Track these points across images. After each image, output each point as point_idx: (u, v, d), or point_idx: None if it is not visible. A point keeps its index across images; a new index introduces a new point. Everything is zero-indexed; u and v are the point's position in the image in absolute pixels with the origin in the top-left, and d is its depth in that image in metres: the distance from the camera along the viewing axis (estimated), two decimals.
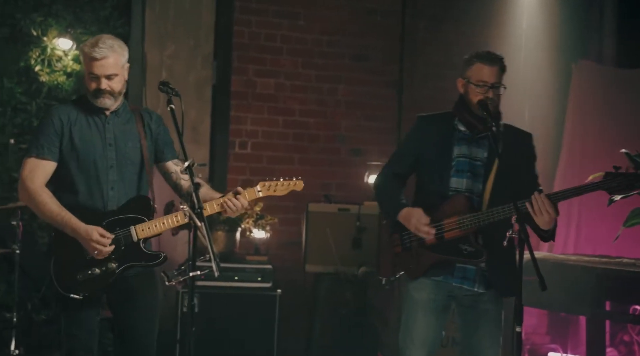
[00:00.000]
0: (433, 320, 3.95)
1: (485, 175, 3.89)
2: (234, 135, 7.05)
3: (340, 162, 7.30)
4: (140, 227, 3.75)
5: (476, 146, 3.93)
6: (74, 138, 3.81)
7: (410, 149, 4.08)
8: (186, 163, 3.39)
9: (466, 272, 3.90)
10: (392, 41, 7.40)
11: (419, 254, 3.94)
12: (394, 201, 4.02)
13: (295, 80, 7.22)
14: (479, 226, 3.79)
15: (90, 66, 3.74)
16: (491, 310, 3.92)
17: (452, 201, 3.88)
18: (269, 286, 5.97)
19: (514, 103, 7.24)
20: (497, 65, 3.86)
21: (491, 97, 3.82)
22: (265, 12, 7.12)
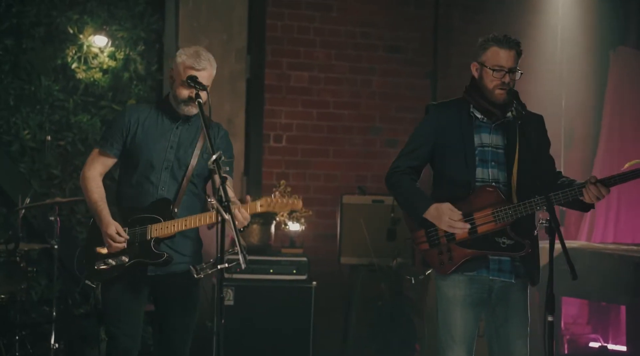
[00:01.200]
0: (471, 316, 3.87)
1: (508, 163, 3.80)
2: (269, 129, 7.07)
3: (374, 154, 7.28)
4: (154, 227, 3.90)
5: (496, 133, 3.83)
6: (139, 137, 3.97)
7: (427, 140, 3.91)
8: (214, 156, 3.42)
9: (502, 264, 3.82)
10: (425, 32, 7.37)
11: (450, 249, 3.82)
12: (418, 197, 3.86)
13: (328, 73, 7.22)
14: (515, 218, 3.71)
15: (188, 74, 3.85)
16: (519, 299, 3.87)
17: (482, 193, 3.77)
18: (304, 278, 5.99)
19: (550, 92, 7.19)
20: (514, 49, 3.75)
21: (507, 82, 3.73)
22: (297, 5, 7.13)
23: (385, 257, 6.22)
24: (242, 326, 5.73)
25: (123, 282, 3.96)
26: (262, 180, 6.98)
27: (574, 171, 7.29)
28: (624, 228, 7.12)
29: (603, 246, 6.05)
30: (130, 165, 3.99)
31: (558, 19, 7.45)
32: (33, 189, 6.19)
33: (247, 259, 3.27)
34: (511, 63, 3.75)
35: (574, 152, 7.46)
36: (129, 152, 3.99)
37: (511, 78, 3.76)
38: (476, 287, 3.85)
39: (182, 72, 3.87)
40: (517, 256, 3.77)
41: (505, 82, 3.74)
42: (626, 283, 5.22)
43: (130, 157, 3.99)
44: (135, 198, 3.97)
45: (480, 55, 3.81)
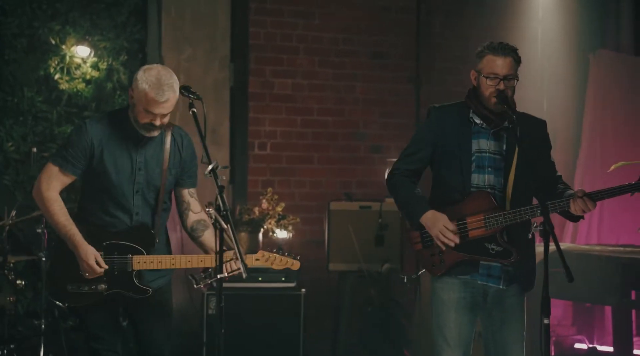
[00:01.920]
0: (465, 319, 3.89)
1: (505, 170, 3.83)
2: (253, 137, 7.07)
3: (360, 160, 7.30)
4: (137, 259, 3.82)
5: (494, 139, 3.86)
6: (105, 160, 3.84)
7: (427, 143, 3.94)
8: (210, 166, 3.41)
9: (491, 270, 3.84)
10: (408, 37, 7.39)
11: (442, 252, 3.85)
12: (416, 201, 3.89)
13: (312, 80, 7.22)
14: (506, 225, 3.74)
15: (150, 105, 3.71)
16: (515, 304, 3.89)
17: (475, 198, 3.80)
18: (293, 285, 5.98)
19: (531, 96, 7.25)
20: (509, 56, 3.77)
21: (502, 89, 3.75)
22: (280, 13, 7.13)
23: (373, 263, 6.23)
24: (232, 334, 5.67)
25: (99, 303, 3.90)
26: (247, 188, 6.97)
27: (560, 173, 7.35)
28: (608, 229, 7.18)
29: (589, 247, 6.10)
30: (97, 186, 3.87)
31: (538, 22, 7.52)
32: (18, 201, 6.14)
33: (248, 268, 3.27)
34: (506, 70, 3.76)
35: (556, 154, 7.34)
36: (95, 175, 3.86)
37: (506, 85, 3.77)
38: (470, 291, 3.88)
39: (143, 100, 3.72)
40: (504, 262, 3.79)
41: (500, 89, 3.76)
42: (613, 284, 5.26)
43: (95, 179, 3.86)
44: (106, 221, 3.87)
45: (477, 64, 3.84)
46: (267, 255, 3.89)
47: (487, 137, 3.86)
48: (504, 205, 3.81)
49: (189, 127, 4.01)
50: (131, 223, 3.87)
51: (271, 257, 3.90)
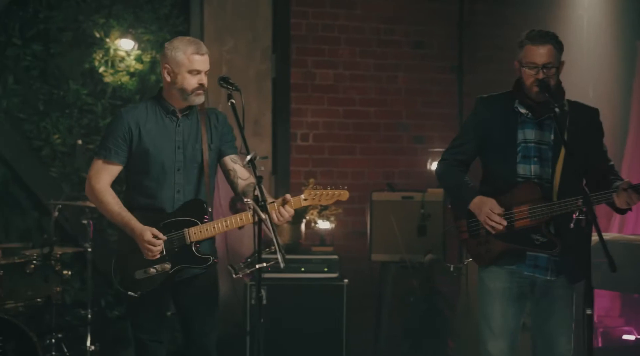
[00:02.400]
0: (511, 309, 3.89)
1: (553, 160, 3.81)
2: (295, 127, 7.07)
3: (402, 150, 7.27)
4: (192, 230, 3.88)
5: (541, 129, 3.83)
6: (144, 141, 3.92)
7: (474, 133, 3.97)
8: (248, 156, 3.43)
9: (538, 261, 3.83)
10: (450, 26, 7.34)
11: (488, 241, 3.86)
12: (465, 188, 3.93)
13: (354, 70, 7.20)
14: (551, 216, 3.72)
15: (194, 63, 3.87)
16: (564, 296, 3.87)
17: (523, 188, 3.79)
18: (335, 276, 5.99)
19: (577, 83, 7.14)
20: (548, 44, 3.74)
21: (542, 78, 3.72)
22: (321, 3, 7.12)
23: (416, 253, 6.20)
24: (274, 325, 5.73)
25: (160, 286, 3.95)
26: (290, 179, 6.98)
27: None
28: None
29: (636, 237, 6.00)
30: (140, 170, 3.95)
31: (584, 10, 7.41)
32: (65, 193, 6.25)
33: (286, 258, 3.28)
34: (545, 59, 3.74)
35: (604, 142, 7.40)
36: (137, 158, 3.94)
37: (546, 74, 3.74)
38: (517, 281, 3.87)
39: (186, 62, 3.86)
40: (549, 254, 3.77)
41: (540, 78, 3.73)
42: None
43: (138, 162, 3.95)
44: (153, 204, 3.94)
45: (518, 54, 3.83)
46: (313, 192, 3.87)
47: (533, 127, 3.85)
48: (551, 196, 3.79)
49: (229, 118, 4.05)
50: (174, 201, 3.92)
51: (317, 193, 3.88)
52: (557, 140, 3.80)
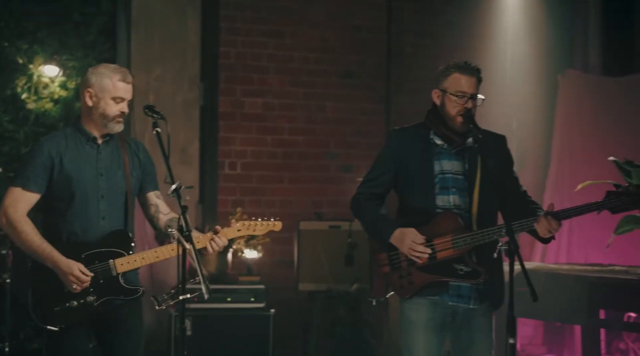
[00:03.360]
0: (435, 340, 3.87)
1: (470, 189, 3.82)
2: (223, 156, 7.04)
3: (330, 179, 7.29)
4: (119, 261, 3.78)
5: (456, 159, 3.85)
6: (65, 169, 3.82)
7: (389, 166, 3.94)
8: (173, 186, 3.38)
9: (461, 290, 3.83)
10: (378, 57, 7.43)
11: (410, 274, 3.84)
12: (383, 222, 3.88)
13: (283, 99, 7.22)
14: (474, 246, 3.73)
15: (119, 90, 3.81)
16: (483, 323, 3.88)
17: (443, 219, 3.79)
18: (262, 306, 5.95)
19: (501, 116, 7.29)
20: (475, 76, 3.79)
21: (469, 108, 3.77)
22: (251, 32, 7.13)
23: (343, 283, 6.21)
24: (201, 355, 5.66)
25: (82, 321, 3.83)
26: (217, 208, 6.93)
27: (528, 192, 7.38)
28: (576, 248, 7.22)
29: (558, 266, 6.12)
30: (62, 198, 3.82)
31: (507, 44, 7.58)
32: None
33: (210, 289, 3.23)
34: (473, 89, 3.78)
35: (526, 174, 7.53)
36: (58, 186, 3.82)
37: (472, 104, 3.79)
38: (439, 311, 3.86)
39: (110, 87, 3.79)
40: (473, 283, 3.79)
41: (468, 108, 3.77)
42: (581, 303, 5.28)
43: (59, 191, 3.82)
44: (77, 233, 3.82)
45: (441, 82, 3.83)
46: (247, 223, 3.88)
47: (449, 158, 3.86)
48: (471, 225, 3.81)
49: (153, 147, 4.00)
50: (100, 229, 3.83)
51: (252, 224, 3.89)
52: (472, 169, 3.83)
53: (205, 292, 3.23)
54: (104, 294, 3.78)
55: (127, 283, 3.80)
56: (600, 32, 7.50)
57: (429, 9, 7.57)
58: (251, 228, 3.90)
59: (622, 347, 6.65)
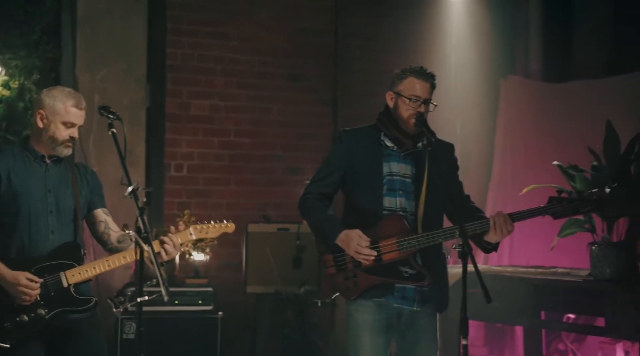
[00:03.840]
0: (380, 341, 3.91)
1: (416, 193, 3.87)
2: (170, 158, 6.98)
3: (277, 182, 7.30)
4: (70, 273, 3.75)
5: (405, 162, 3.90)
6: (14, 184, 3.78)
7: (338, 166, 3.96)
8: (130, 187, 3.36)
9: (405, 292, 3.87)
10: (325, 60, 7.47)
11: (356, 275, 3.86)
12: (330, 224, 3.89)
13: (229, 101, 7.20)
14: (419, 248, 3.78)
15: (71, 116, 3.81)
16: (428, 325, 3.93)
17: (388, 221, 3.83)
18: (210, 309, 5.93)
19: (445, 119, 7.39)
20: (429, 81, 3.86)
21: (422, 112, 3.83)
22: (197, 34, 7.09)
23: (291, 285, 6.23)
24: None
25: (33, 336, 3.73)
26: (164, 210, 6.88)
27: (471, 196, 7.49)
28: (518, 252, 7.34)
29: (502, 269, 6.23)
30: (8, 214, 3.77)
31: (452, 48, 7.69)
32: None
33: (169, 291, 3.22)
34: (426, 94, 3.85)
35: (469, 177, 7.64)
36: (5, 202, 3.77)
37: (425, 108, 3.85)
38: (385, 313, 3.90)
39: (62, 112, 3.80)
40: (418, 285, 3.83)
41: (420, 112, 3.82)
42: (525, 305, 5.38)
43: (6, 206, 3.77)
44: (25, 248, 3.76)
45: (396, 85, 3.89)
46: (199, 227, 3.90)
47: (398, 160, 3.91)
48: (416, 228, 3.85)
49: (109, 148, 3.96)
50: (49, 243, 3.78)
51: (204, 227, 3.92)
52: (420, 173, 3.88)
53: (164, 294, 3.22)
54: (56, 306, 3.72)
55: (78, 294, 3.76)
56: (541, 40, 7.64)
57: (375, 13, 7.63)
58: (204, 231, 3.92)
59: (562, 348, 6.79)
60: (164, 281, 3.24)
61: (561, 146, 6.86)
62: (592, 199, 3.69)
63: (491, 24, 7.63)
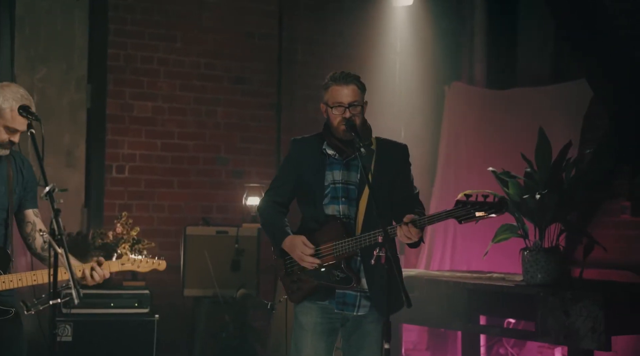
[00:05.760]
0: (322, 344, 3.94)
1: (358, 198, 3.91)
2: (111, 159, 6.93)
3: (220, 185, 7.28)
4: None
5: (348, 169, 3.93)
6: None
7: (289, 175, 4.04)
8: (47, 188, 3.32)
9: (346, 297, 3.90)
10: (270, 64, 7.47)
11: (300, 279, 3.94)
12: (277, 229, 3.97)
13: (173, 103, 7.17)
14: (351, 252, 3.81)
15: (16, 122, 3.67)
16: (373, 330, 3.95)
17: (328, 226, 3.88)
18: (146, 311, 5.86)
19: (389, 124, 7.44)
20: (351, 84, 3.85)
21: (348, 117, 3.83)
22: (141, 35, 7.05)
23: (229, 288, 6.21)
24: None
25: None
26: (104, 212, 6.81)
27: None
28: (460, 256, 7.40)
29: (439, 273, 6.27)
30: None
31: (396, 54, 7.74)
32: None
33: (81, 294, 3.18)
34: (350, 98, 3.84)
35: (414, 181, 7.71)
36: None
37: (352, 112, 3.84)
38: (329, 317, 3.94)
39: (8, 116, 3.66)
40: (347, 289, 3.86)
41: (346, 117, 3.83)
42: (460, 309, 5.42)
43: None
44: None
45: (324, 96, 3.91)
46: (131, 259, 3.93)
47: (340, 168, 3.94)
48: (354, 233, 3.87)
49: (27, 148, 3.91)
50: None
51: (137, 260, 3.94)
52: (362, 179, 3.91)
53: (75, 297, 3.18)
54: None
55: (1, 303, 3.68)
56: (485, 47, 7.73)
57: (320, 18, 7.66)
58: (135, 264, 3.96)
59: (502, 352, 6.87)
60: (76, 283, 3.20)
61: (502, 152, 6.93)
62: (493, 202, 3.68)
63: (436, 30, 7.70)
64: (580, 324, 4.65)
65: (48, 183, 3.33)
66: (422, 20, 7.60)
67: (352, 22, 7.64)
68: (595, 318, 4.58)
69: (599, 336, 4.56)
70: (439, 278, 5.77)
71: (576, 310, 4.67)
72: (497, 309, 5.44)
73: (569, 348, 4.93)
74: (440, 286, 5.60)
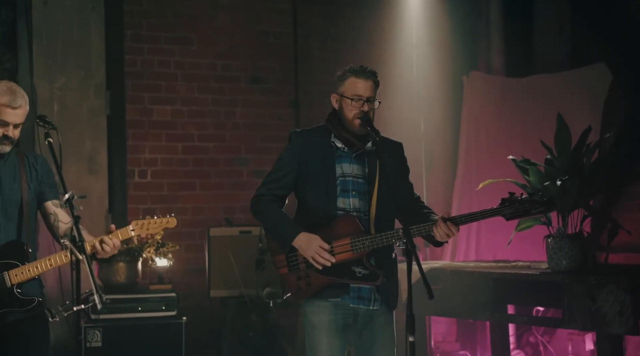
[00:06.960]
0: (337, 341, 3.91)
1: (368, 193, 3.89)
2: (133, 164, 6.97)
3: (242, 185, 7.30)
4: (13, 273, 3.74)
5: (357, 162, 3.93)
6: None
7: (290, 169, 3.96)
8: (66, 195, 3.35)
9: (361, 292, 3.89)
10: (286, 62, 7.47)
11: (309, 275, 3.87)
12: (286, 225, 3.89)
13: (192, 106, 7.20)
14: (372, 249, 3.79)
15: (3, 113, 3.74)
16: (384, 323, 3.96)
17: (342, 221, 3.84)
18: (173, 314, 5.89)
19: (410, 117, 7.42)
20: (371, 79, 3.86)
21: (366, 111, 3.83)
22: (157, 39, 7.08)
23: (254, 288, 6.22)
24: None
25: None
26: (127, 217, 6.85)
27: (436, 193, 7.52)
28: (485, 246, 7.37)
29: (464, 264, 6.25)
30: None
31: (413, 47, 7.71)
32: None
33: (105, 299, 3.21)
34: (369, 92, 3.85)
35: (434, 175, 7.70)
36: None
37: (369, 107, 3.85)
38: (341, 313, 3.91)
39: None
40: (372, 285, 3.84)
41: (364, 111, 3.83)
42: (487, 299, 5.40)
43: None
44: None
45: (339, 87, 3.91)
46: (140, 222, 3.85)
47: (349, 161, 3.92)
48: (369, 228, 3.87)
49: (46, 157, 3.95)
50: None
51: (145, 223, 3.87)
52: (371, 173, 3.90)
53: (98, 303, 3.21)
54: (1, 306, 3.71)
55: (22, 295, 3.74)
56: (502, 35, 7.69)
57: (334, 14, 7.66)
58: (145, 227, 3.88)
59: (532, 341, 6.83)
60: (98, 289, 3.23)
61: (523, 140, 6.90)
62: (543, 201, 3.71)
63: (451, 20, 7.68)
64: (607, 309, 4.61)
65: (67, 191, 3.37)
66: (437, 10, 7.57)
67: (366, 16, 7.62)
68: (622, 302, 4.54)
69: (627, 320, 4.52)
70: (464, 269, 5.76)
71: (602, 295, 4.64)
72: (524, 298, 5.41)
73: (598, 334, 4.91)
74: (465, 277, 5.58)
